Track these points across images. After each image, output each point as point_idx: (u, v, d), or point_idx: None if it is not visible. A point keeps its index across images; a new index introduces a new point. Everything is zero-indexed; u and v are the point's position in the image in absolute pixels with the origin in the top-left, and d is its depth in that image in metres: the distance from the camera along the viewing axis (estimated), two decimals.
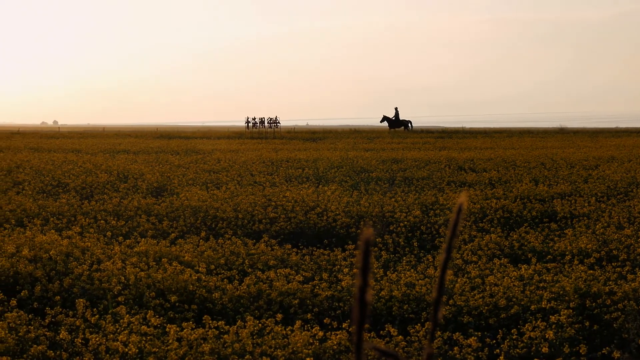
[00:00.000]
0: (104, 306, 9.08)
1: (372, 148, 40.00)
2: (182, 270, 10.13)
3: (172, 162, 28.37)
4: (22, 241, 11.50)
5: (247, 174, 23.60)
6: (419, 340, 8.06)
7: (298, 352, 7.47)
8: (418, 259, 12.20)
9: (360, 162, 28.00)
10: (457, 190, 19.94)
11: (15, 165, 24.98)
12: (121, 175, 22.54)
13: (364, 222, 14.90)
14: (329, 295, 9.58)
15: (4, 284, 9.99)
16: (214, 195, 17.61)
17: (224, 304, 9.35)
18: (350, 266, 11.12)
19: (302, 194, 17.59)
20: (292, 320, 8.87)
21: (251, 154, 32.85)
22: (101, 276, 9.82)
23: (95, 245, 11.68)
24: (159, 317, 8.33)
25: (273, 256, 11.51)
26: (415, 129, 76.02)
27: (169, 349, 7.33)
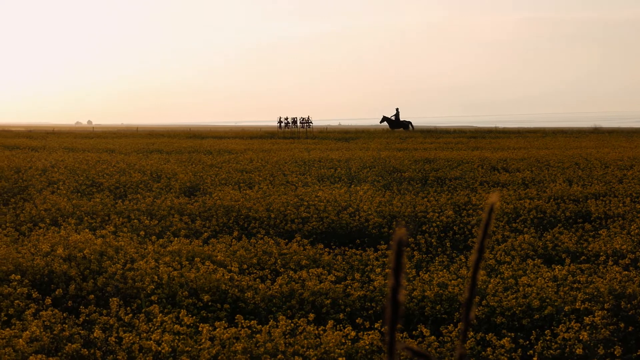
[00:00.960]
0: (137, 305, 9.13)
1: (404, 148, 39.89)
2: (214, 269, 10.16)
3: (205, 161, 28.47)
4: (56, 240, 11.58)
5: (279, 173, 23.63)
6: (451, 341, 8.03)
7: (330, 352, 7.46)
8: (450, 259, 12.15)
9: (393, 162, 27.94)
10: (490, 190, 19.84)
11: (50, 164, 25.19)
12: (154, 174, 22.65)
13: (397, 222, 14.86)
14: (361, 295, 9.57)
15: (38, 282, 10.07)
16: (247, 194, 17.65)
17: (257, 304, 9.37)
18: (382, 266, 11.10)
19: (335, 193, 17.58)
20: (324, 320, 8.87)
21: (283, 154, 32.88)
22: (134, 275, 9.87)
23: (128, 244, 11.74)
24: (191, 316, 8.36)
25: (305, 256, 11.51)
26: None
27: (202, 348, 7.36)
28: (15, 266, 10.24)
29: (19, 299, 8.92)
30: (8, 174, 21.67)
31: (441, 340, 8.13)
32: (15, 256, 10.56)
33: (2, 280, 9.86)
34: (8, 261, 10.32)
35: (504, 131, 78.44)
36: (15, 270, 10.10)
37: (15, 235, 12.77)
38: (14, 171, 22.61)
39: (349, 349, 7.62)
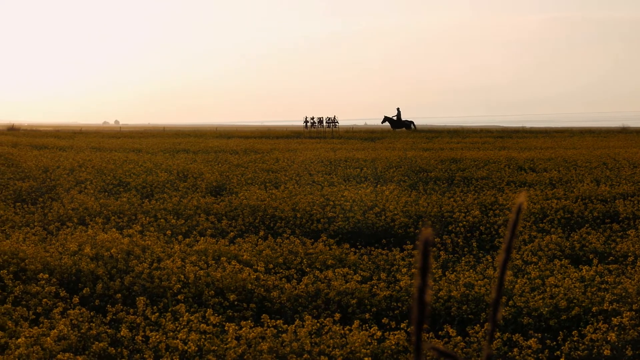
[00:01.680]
0: (163, 304, 9.16)
1: (430, 148, 39.77)
2: (240, 269, 10.18)
3: (231, 161, 28.53)
4: (84, 239, 11.65)
5: (305, 173, 23.64)
6: (478, 341, 8.00)
7: (356, 351, 7.46)
8: (477, 260, 12.11)
9: (419, 161, 27.87)
10: (517, 190, 19.74)
11: (77, 164, 25.34)
12: (181, 174, 22.74)
13: (423, 222, 14.83)
14: (387, 295, 9.56)
15: (66, 281, 10.14)
16: (273, 194, 17.67)
17: (283, 303, 9.38)
18: (408, 266, 11.08)
19: (361, 193, 17.57)
20: (350, 320, 8.87)
21: (309, 154, 32.88)
22: (161, 274, 9.91)
23: (155, 243, 11.79)
24: (217, 315, 8.39)
25: (331, 255, 11.51)
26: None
27: (228, 348, 7.37)
28: (43, 265, 10.31)
29: (47, 297, 8.98)
30: (36, 174, 21.84)
31: (467, 340, 8.10)
32: (44, 255, 10.63)
33: (30, 279, 9.94)
34: (36, 260, 10.39)
35: (531, 131, 77.96)
36: (43, 269, 10.18)
37: (43, 235, 12.86)
38: (42, 171, 22.77)
39: (374, 349, 7.61)
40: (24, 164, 25.16)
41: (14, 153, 31.34)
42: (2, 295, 9.22)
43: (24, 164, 24.90)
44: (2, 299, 9.15)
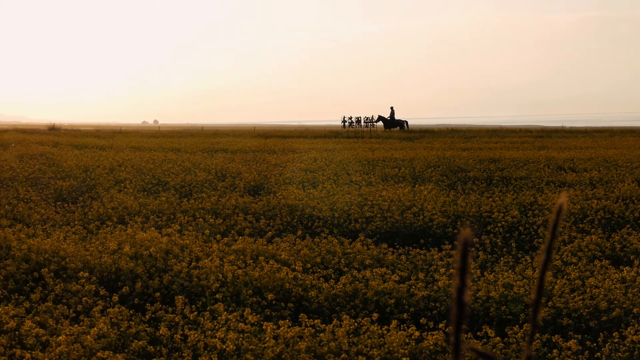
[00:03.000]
0: (202, 303, 9.20)
1: (469, 147, 39.59)
2: (278, 268, 10.20)
3: (269, 161, 28.60)
4: (123, 238, 11.74)
5: (343, 173, 23.63)
6: (517, 342, 7.95)
7: (394, 351, 7.44)
8: (516, 260, 12.03)
9: (457, 161, 27.75)
10: (557, 190, 19.58)
11: (117, 163, 25.54)
12: (219, 173, 22.83)
13: (461, 222, 14.76)
14: (425, 295, 9.52)
15: (106, 280, 10.22)
16: (311, 194, 17.69)
17: (320, 303, 9.38)
18: (446, 266, 11.04)
19: (399, 193, 17.53)
20: (388, 320, 8.85)
21: (347, 153, 32.87)
22: (200, 273, 9.95)
23: (193, 243, 11.84)
24: (256, 314, 8.40)
25: (369, 255, 11.49)
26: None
27: (266, 347, 7.39)
28: (83, 263, 10.40)
29: (87, 296, 9.06)
30: (77, 173, 22.05)
31: (506, 341, 8.06)
32: (84, 254, 10.73)
33: (70, 277, 10.03)
34: (76, 259, 10.49)
35: (571, 131, 77.32)
36: (83, 267, 10.27)
37: (83, 233, 12.98)
38: (82, 170, 22.99)
39: (412, 349, 7.59)
40: (64, 163, 25.41)
41: (55, 153, 31.67)
42: (43, 293, 9.31)
43: (64, 164, 25.14)
44: (43, 297, 9.25)
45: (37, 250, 10.84)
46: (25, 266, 10.28)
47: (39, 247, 10.97)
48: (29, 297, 9.19)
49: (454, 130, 74.60)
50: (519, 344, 7.91)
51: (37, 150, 32.66)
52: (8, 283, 9.81)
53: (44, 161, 27.29)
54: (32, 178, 21.23)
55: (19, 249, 10.86)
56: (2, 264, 10.53)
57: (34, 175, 21.63)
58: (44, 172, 22.65)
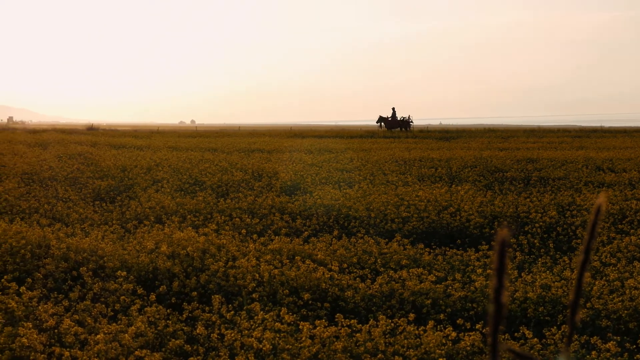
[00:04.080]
0: (239, 302, 9.22)
1: (506, 147, 39.38)
2: (315, 268, 10.20)
3: (306, 160, 28.63)
4: (160, 238, 11.80)
5: (379, 173, 23.60)
6: (554, 344, 7.89)
7: (431, 352, 7.42)
8: (554, 261, 11.94)
9: (495, 161, 27.61)
10: (595, 190, 19.41)
11: (154, 163, 25.71)
12: (256, 173, 22.89)
13: (498, 223, 14.68)
14: (462, 295, 9.48)
15: (143, 279, 10.28)
16: (347, 194, 17.68)
17: (357, 303, 9.37)
18: (483, 267, 10.98)
19: (435, 193, 17.47)
20: (424, 320, 8.82)
21: (383, 153, 32.83)
22: (236, 273, 9.98)
23: (230, 242, 11.88)
24: (292, 314, 8.41)
25: (405, 255, 11.46)
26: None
27: (302, 346, 7.39)
28: (121, 263, 10.48)
29: (124, 294, 9.12)
30: (114, 173, 22.22)
31: (544, 342, 8.00)
32: (122, 253, 10.81)
33: (108, 276, 10.11)
34: (114, 258, 10.57)
35: (610, 130, 76.62)
36: (121, 266, 10.34)
37: (121, 233, 13.07)
38: (120, 170, 23.16)
39: (449, 350, 7.56)
40: (102, 163, 25.63)
41: (93, 152, 31.95)
42: (81, 292, 9.39)
43: (102, 163, 25.36)
44: (82, 296, 9.33)
45: (76, 249, 10.94)
46: (64, 265, 10.38)
47: (77, 246, 11.07)
48: (67, 296, 9.27)
49: (491, 130, 74.23)
50: (557, 345, 7.85)
51: (76, 150, 32.99)
52: (47, 282, 9.91)
53: (82, 161, 27.56)
54: (71, 178, 21.43)
55: (58, 248, 10.97)
56: (41, 262, 10.64)
57: (72, 175, 21.84)
58: (83, 172, 22.86)
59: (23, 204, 15.95)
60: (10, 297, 8.41)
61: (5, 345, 7.14)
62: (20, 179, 20.86)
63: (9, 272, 10.31)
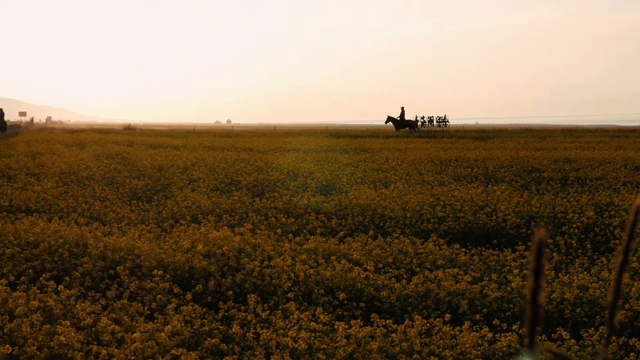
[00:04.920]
0: (274, 302, 9.24)
1: (543, 147, 39.12)
2: (350, 268, 10.19)
3: (341, 160, 28.63)
4: (196, 237, 11.85)
5: (415, 172, 23.54)
6: (592, 345, 7.82)
7: (467, 352, 7.38)
8: (592, 262, 11.83)
9: (532, 161, 27.43)
10: (634, 191, 19.22)
11: (191, 163, 25.83)
12: (291, 173, 22.93)
13: (535, 223, 14.58)
14: (498, 296, 9.42)
15: (179, 278, 10.33)
16: (382, 194, 17.66)
17: (392, 303, 9.35)
18: (520, 267, 10.91)
19: (471, 193, 17.39)
20: (460, 321, 8.78)
21: (419, 153, 32.74)
22: (272, 272, 10.00)
23: (266, 242, 11.90)
24: (327, 314, 8.41)
25: (441, 256, 11.42)
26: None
27: (337, 346, 7.39)
28: (157, 262, 10.54)
29: (161, 293, 9.17)
30: (151, 172, 22.36)
31: (581, 344, 7.93)
32: (158, 252, 10.87)
33: (145, 275, 10.17)
34: (151, 257, 10.63)
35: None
36: (157, 265, 10.40)
37: (157, 232, 13.15)
38: (157, 169, 23.31)
39: (485, 351, 7.52)
40: (139, 162, 25.81)
41: (130, 152, 32.18)
42: (118, 291, 9.46)
43: (139, 163, 25.54)
44: (119, 294, 9.39)
45: (113, 248, 11.02)
46: (101, 264, 10.46)
47: (114, 245, 11.15)
48: (105, 294, 9.34)
49: (528, 130, 73.80)
50: (594, 346, 7.78)
51: (113, 150, 33.25)
52: (85, 280, 9.99)
53: (119, 160, 27.77)
54: (108, 177, 21.60)
55: (95, 246, 11.06)
56: (79, 261, 10.73)
57: (110, 175, 22.01)
58: (120, 172, 23.03)
59: (61, 203, 16.10)
60: (49, 296, 8.49)
61: (43, 343, 7.21)
62: (59, 178, 21.06)
63: (47, 271, 10.41)
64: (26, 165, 24.12)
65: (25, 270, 10.38)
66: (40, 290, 9.14)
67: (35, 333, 7.34)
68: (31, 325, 7.52)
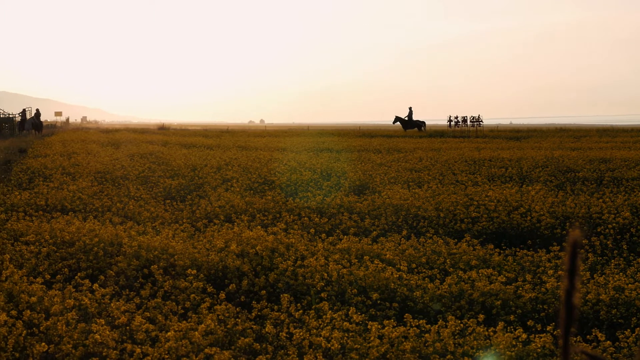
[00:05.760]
0: (307, 301, 9.25)
1: (578, 147, 38.82)
2: (383, 268, 10.17)
3: (374, 160, 28.59)
4: (230, 236, 11.89)
5: (448, 172, 23.46)
6: (628, 347, 7.75)
7: (500, 353, 7.34)
8: (627, 263, 11.72)
9: (566, 161, 27.22)
10: None
11: (224, 162, 25.92)
12: (324, 173, 22.93)
13: (570, 223, 14.47)
14: (532, 297, 9.36)
15: (213, 277, 10.37)
16: (416, 194, 17.61)
17: (425, 303, 9.32)
18: (555, 268, 10.83)
19: (505, 193, 17.30)
20: (494, 321, 8.74)
21: (453, 153, 32.62)
22: (305, 272, 10.01)
23: (299, 241, 11.92)
24: (360, 314, 8.41)
25: (475, 256, 11.37)
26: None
27: (371, 346, 7.38)
28: (191, 261, 10.58)
29: (194, 292, 9.21)
30: (185, 172, 22.47)
31: (617, 345, 7.86)
32: (192, 251, 10.92)
33: (179, 274, 10.22)
34: (185, 256, 10.68)
35: None
36: (191, 265, 10.45)
37: (191, 231, 13.20)
38: (191, 169, 23.41)
39: (519, 352, 7.47)
40: (173, 162, 25.94)
41: (164, 152, 32.36)
42: (152, 289, 9.51)
43: (173, 162, 25.67)
44: (153, 293, 9.45)
45: (147, 247, 11.09)
46: (135, 263, 10.53)
47: (148, 244, 11.21)
48: (139, 293, 9.40)
49: (563, 130, 73.27)
50: (630, 348, 7.71)
51: (147, 150, 33.45)
52: (119, 279, 10.07)
53: (153, 160, 27.94)
54: (143, 177, 21.74)
55: (129, 246, 11.14)
56: (114, 260, 10.81)
57: (144, 174, 22.15)
58: (154, 171, 23.18)
59: (96, 203, 16.23)
60: (84, 294, 8.56)
61: (78, 341, 7.27)
62: (94, 177, 21.24)
63: (82, 270, 10.50)
64: (62, 165, 24.34)
65: (61, 269, 10.48)
66: (76, 288, 9.22)
67: (70, 331, 7.41)
68: (67, 324, 7.59)
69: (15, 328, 7.32)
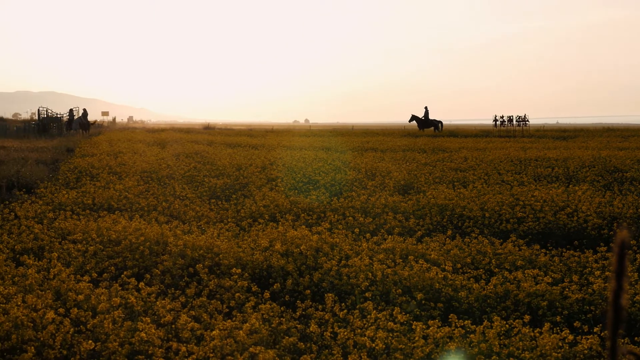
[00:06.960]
0: (351, 301, 9.24)
1: (626, 147, 38.33)
2: (428, 268, 10.14)
3: (419, 160, 28.51)
4: (274, 236, 11.92)
5: (494, 172, 23.31)
6: None
7: (547, 354, 7.28)
8: None
9: (614, 161, 26.89)
10: None
11: (269, 162, 26.00)
12: (369, 172, 22.90)
13: (618, 224, 14.30)
14: (579, 298, 9.27)
15: (258, 276, 10.41)
16: (461, 193, 17.53)
17: (470, 303, 9.27)
18: (602, 269, 10.70)
19: (552, 193, 17.14)
20: (540, 322, 8.67)
21: (499, 153, 32.40)
22: (349, 272, 10.00)
23: (343, 241, 11.91)
24: (405, 314, 8.38)
25: (520, 256, 11.29)
26: None
27: (415, 346, 7.36)
28: (236, 260, 10.63)
29: (239, 291, 9.25)
30: (230, 171, 22.56)
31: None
32: (236, 250, 10.97)
33: (224, 273, 10.27)
34: (229, 255, 10.73)
35: None
36: (236, 264, 10.49)
37: (236, 230, 13.26)
38: (236, 168, 23.51)
39: (566, 353, 7.40)
40: (218, 161, 26.07)
41: (210, 151, 32.54)
42: (197, 288, 9.57)
43: (218, 162, 25.80)
44: (198, 292, 9.51)
45: (192, 246, 11.15)
46: (181, 262, 10.60)
47: (194, 243, 11.28)
48: (184, 292, 9.46)
49: (610, 129, 72.39)
50: None
51: (193, 149, 33.66)
52: (165, 278, 10.14)
53: (199, 159, 28.11)
54: (188, 176, 21.87)
55: (175, 244, 11.21)
56: (159, 259, 10.89)
57: (189, 174, 22.28)
58: (199, 170, 23.31)
59: (142, 202, 16.37)
60: (130, 293, 8.63)
61: (125, 339, 7.34)
62: (140, 177, 21.41)
63: (128, 268, 10.60)
64: (108, 164, 24.58)
65: (108, 268, 10.58)
66: (122, 287, 9.31)
67: (117, 329, 7.48)
68: (113, 322, 7.66)
69: (63, 326, 7.41)
